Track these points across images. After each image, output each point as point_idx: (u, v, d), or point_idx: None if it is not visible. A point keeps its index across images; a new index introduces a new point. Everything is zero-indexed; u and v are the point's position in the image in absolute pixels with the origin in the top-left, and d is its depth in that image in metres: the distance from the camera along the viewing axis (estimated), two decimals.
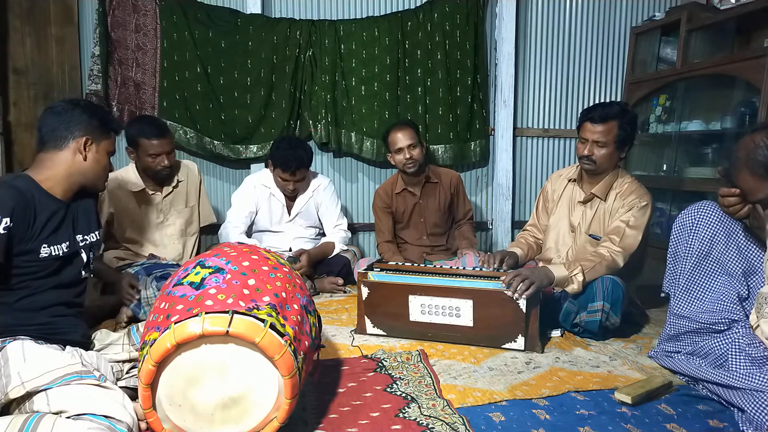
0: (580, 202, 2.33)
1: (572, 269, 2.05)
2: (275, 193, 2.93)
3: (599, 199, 2.26)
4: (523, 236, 2.55)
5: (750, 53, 2.66)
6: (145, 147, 2.40)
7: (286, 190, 2.86)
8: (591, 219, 2.28)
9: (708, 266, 1.75)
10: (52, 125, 1.54)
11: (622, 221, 2.15)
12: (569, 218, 2.36)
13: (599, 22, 3.61)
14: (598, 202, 2.27)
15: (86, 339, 1.58)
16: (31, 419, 1.16)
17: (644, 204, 2.16)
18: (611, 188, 2.25)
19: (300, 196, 2.96)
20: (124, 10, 3.16)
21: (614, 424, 1.46)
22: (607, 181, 2.25)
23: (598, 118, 2.16)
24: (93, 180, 1.61)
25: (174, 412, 1.24)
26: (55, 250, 1.48)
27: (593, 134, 2.18)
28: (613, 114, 2.15)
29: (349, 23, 3.33)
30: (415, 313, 2.07)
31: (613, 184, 2.25)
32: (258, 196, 2.93)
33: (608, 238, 2.16)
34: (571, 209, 2.36)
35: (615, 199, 2.23)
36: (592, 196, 2.28)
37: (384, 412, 1.51)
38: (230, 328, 1.19)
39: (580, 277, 2.03)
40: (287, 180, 2.79)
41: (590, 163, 2.21)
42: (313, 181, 3.00)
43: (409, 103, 3.40)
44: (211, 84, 3.26)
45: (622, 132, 2.16)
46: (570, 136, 3.65)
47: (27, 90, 3.11)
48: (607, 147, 2.17)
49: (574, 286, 2.04)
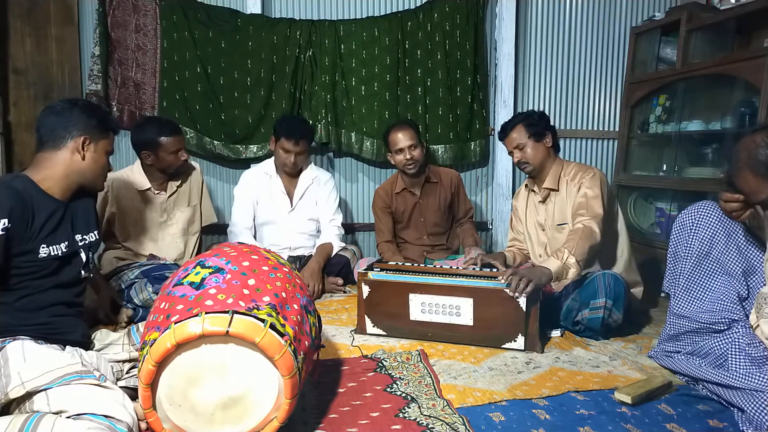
0: (540, 202, 2.43)
1: (561, 256, 2.04)
2: (276, 182, 2.96)
3: (554, 191, 2.36)
4: (509, 249, 2.61)
5: (750, 53, 2.66)
6: (167, 145, 2.46)
7: (287, 163, 2.85)
8: (553, 212, 2.37)
9: (708, 266, 1.75)
10: (50, 125, 1.54)
11: (581, 197, 2.24)
12: (536, 220, 2.46)
13: (599, 22, 3.61)
14: (554, 195, 2.37)
15: (86, 339, 1.58)
16: (31, 419, 1.16)
17: (591, 174, 2.26)
18: (560, 177, 2.35)
19: (300, 180, 2.96)
20: (124, 10, 3.16)
21: (614, 424, 1.46)
22: (554, 172, 2.36)
23: (505, 132, 2.39)
24: (91, 180, 1.61)
25: (174, 412, 1.24)
26: (54, 250, 1.48)
27: (509, 144, 2.38)
28: (513, 123, 2.37)
29: (349, 23, 3.33)
30: (416, 311, 2.07)
31: (560, 173, 2.35)
32: (258, 186, 2.95)
33: (577, 215, 2.21)
34: (536, 211, 2.46)
35: (567, 186, 2.33)
36: (547, 191, 2.38)
37: (384, 412, 1.51)
38: (230, 328, 1.19)
39: (572, 259, 2.03)
40: (290, 151, 2.81)
41: (526, 165, 2.36)
42: (314, 169, 3.03)
43: (409, 103, 3.40)
44: (211, 84, 3.26)
45: (531, 128, 2.32)
46: (570, 136, 3.65)
47: (27, 90, 3.11)
48: (527, 146, 2.33)
49: (572, 270, 2.03)
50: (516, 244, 2.61)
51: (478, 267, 2.26)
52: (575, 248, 2.05)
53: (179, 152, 2.51)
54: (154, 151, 2.47)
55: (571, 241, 2.09)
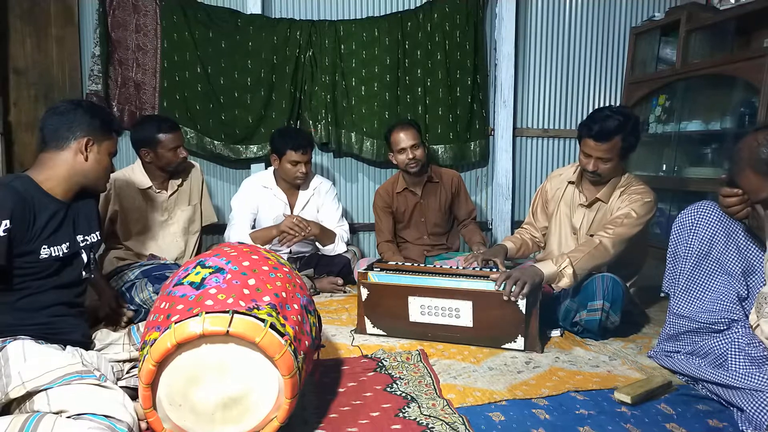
0: (582, 205, 2.29)
1: (560, 263, 2.01)
2: (277, 193, 2.93)
3: (602, 201, 2.24)
4: (519, 232, 2.53)
5: (750, 53, 2.66)
6: (165, 142, 2.46)
7: (298, 174, 2.82)
8: (592, 220, 2.27)
9: (708, 266, 1.75)
10: (53, 125, 1.54)
11: (622, 213, 2.11)
12: (571, 221, 2.34)
13: (599, 22, 3.61)
14: (600, 204, 2.25)
15: (86, 339, 1.58)
16: (31, 419, 1.16)
17: (648, 200, 2.12)
18: (614, 189, 2.22)
19: (301, 192, 2.96)
20: (124, 10, 3.16)
21: (614, 423, 1.46)
22: (612, 183, 2.22)
23: (601, 137, 2.07)
24: (94, 181, 1.61)
25: (174, 412, 1.24)
26: (56, 250, 1.48)
27: (596, 152, 2.11)
28: (614, 129, 2.06)
29: (349, 23, 3.33)
30: (415, 314, 2.07)
31: (617, 185, 2.22)
32: (258, 197, 2.93)
33: (603, 227, 2.13)
34: (572, 211, 2.34)
35: (618, 198, 2.20)
36: (596, 200, 2.25)
37: (384, 411, 1.51)
38: (230, 327, 1.19)
39: (569, 270, 1.99)
40: (299, 162, 2.79)
41: (598, 177, 2.18)
42: (315, 180, 3.01)
43: (409, 103, 3.41)
44: (212, 84, 3.26)
45: (625, 144, 2.10)
46: (570, 136, 3.65)
47: (27, 90, 3.11)
48: (612, 161, 2.12)
49: (565, 279, 2.00)
50: (529, 230, 2.49)
51: (478, 266, 2.24)
52: (579, 261, 2.01)
53: (178, 149, 2.51)
54: (152, 149, 2.47)
55: (579, 252, 2.05)
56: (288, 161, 2.79)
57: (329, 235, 2.91)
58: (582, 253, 2.04)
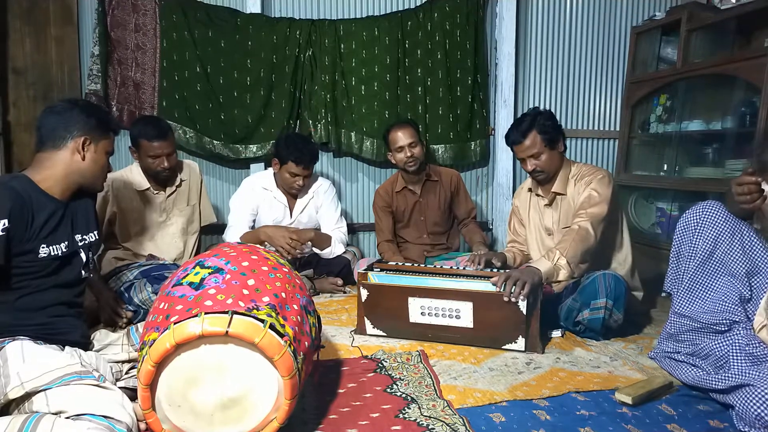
0: (546, 206, 2.38)
1: (553, 257, 2.04)
2: (277, 195, 2.92)
3: (561, 195, 2.32)
4: (508, 249, 2.58)
5: (750, 53, 2.66)
6: (145, 148, 2.41)
7: (294, 186, 2.82)
8: (560, 215, 2.33)
9: (711, 266, 1.74)
10: (50, 125, 1.54)
11: (584, 197, 2.20)
12: (542, 223, 2.42)
13: (600, 21, 3.61)
14: (560, 198, 2.33)
15: (85, 339, 1.58)
16: (30, 419, 1.15)
17: (601, 176, 2.21)
18: (567, 180, 2.31)
19: (300, 197, 2.95)
20: (123, 9, 3.16)
21: (615, 424, 1.46)
22: (563, 175, 2.31)
23: (518, 138, 2.26)
24: (91, 180, 1.61)
25: (173, 412, 1.24)
26: (54, 250, 1.48)
27: (523, 152, 2.27)
28: (527, 127, 2.23)
29: (349, 23, 3.32)
30: (415, 314, 2.06)
31: (568, 176, 2.32)
32: (258, 198, 2.92)
33: (576, 214, 2.19)
34: (541, 215, 2.42)
35: (574, 186, 2.28)
36: (554, 195, 2.33)
37: (384, 412, 1.51)
38: (230, 328, 1.18)
39: (563, 261, 2.02)
40: (298, 175, 2.78)
41: (541, 173, 2.29)
42: (314, 184, 3.00)
43: (409, 102, 3.40)
44: (211, 84, 3.25)
45: (545, 135, 2.23)
46: (570, 136, 3.63)
47: (26, 90, 3.11)
48: (543, 153, 2.24)
49: (563, 271, 2.02)
50: (516, 246, 2.58)
51: (479, 266, 2.24)
52: (567, 250, 2.04)
53: (158, 158, 2.41)
54: (137, 150, 2.45)
55: (565, 242, 2.08)
56: (287, 171, 2.78)
57: (325, 239, 2.90)
58: (567, 242, 2.08)
